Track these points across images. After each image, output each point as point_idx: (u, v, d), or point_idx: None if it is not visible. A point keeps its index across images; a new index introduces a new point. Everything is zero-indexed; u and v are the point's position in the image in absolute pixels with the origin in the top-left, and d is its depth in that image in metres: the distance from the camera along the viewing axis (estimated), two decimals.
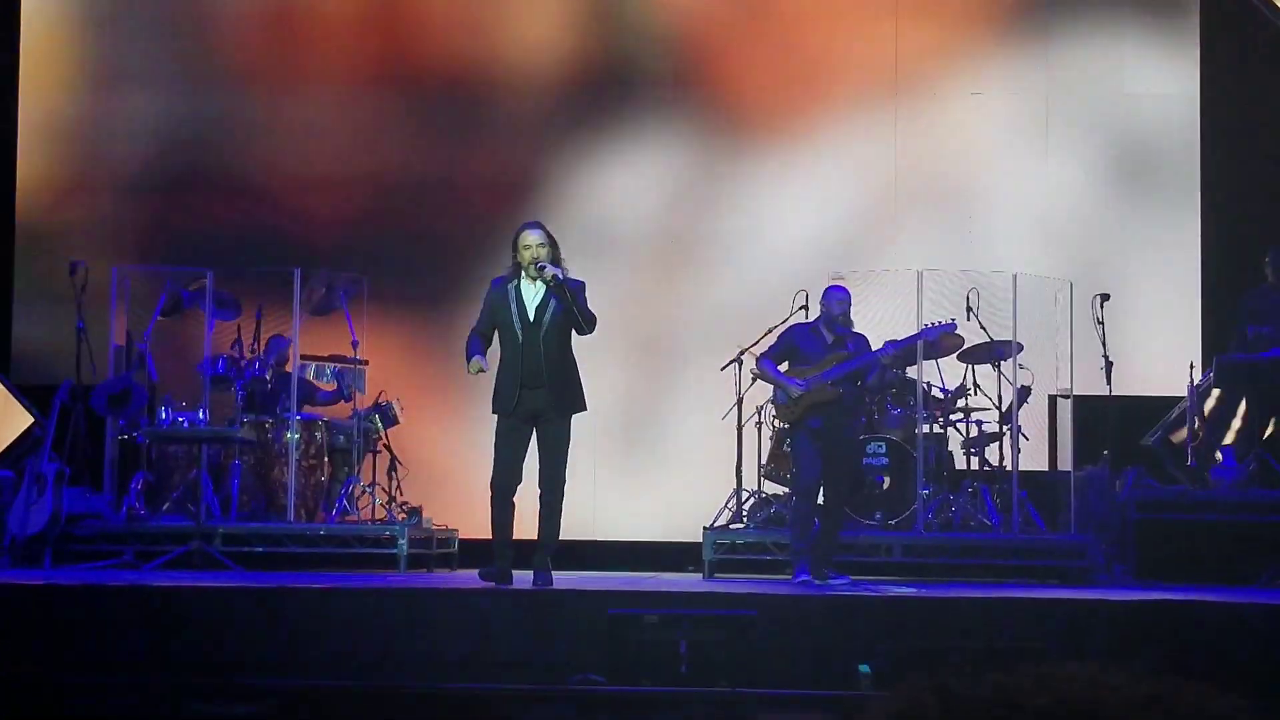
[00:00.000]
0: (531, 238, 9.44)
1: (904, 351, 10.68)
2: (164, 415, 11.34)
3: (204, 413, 11.30)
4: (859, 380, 10.35)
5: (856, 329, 10.49)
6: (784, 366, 10.31)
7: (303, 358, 11.81)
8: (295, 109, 13.33)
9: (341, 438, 11.75)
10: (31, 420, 12.69)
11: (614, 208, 13.19)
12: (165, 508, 11.44)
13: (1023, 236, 12.96)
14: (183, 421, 11.23)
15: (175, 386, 11.72)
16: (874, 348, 10.37)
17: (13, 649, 8.49)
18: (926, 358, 11.34)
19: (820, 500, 10.27)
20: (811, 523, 10.21)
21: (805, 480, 10.22)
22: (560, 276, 9.33)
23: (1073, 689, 1.79)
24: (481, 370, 9.43)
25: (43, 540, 10.73)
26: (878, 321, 11.43)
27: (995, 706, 1.77)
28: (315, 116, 13.28)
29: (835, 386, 10.17)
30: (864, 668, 7.94)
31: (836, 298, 10.32)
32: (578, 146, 13.25)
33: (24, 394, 12.77)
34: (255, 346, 11.90)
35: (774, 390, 10.41)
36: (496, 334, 9.53)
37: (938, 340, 11.09)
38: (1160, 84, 13.09)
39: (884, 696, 1.78)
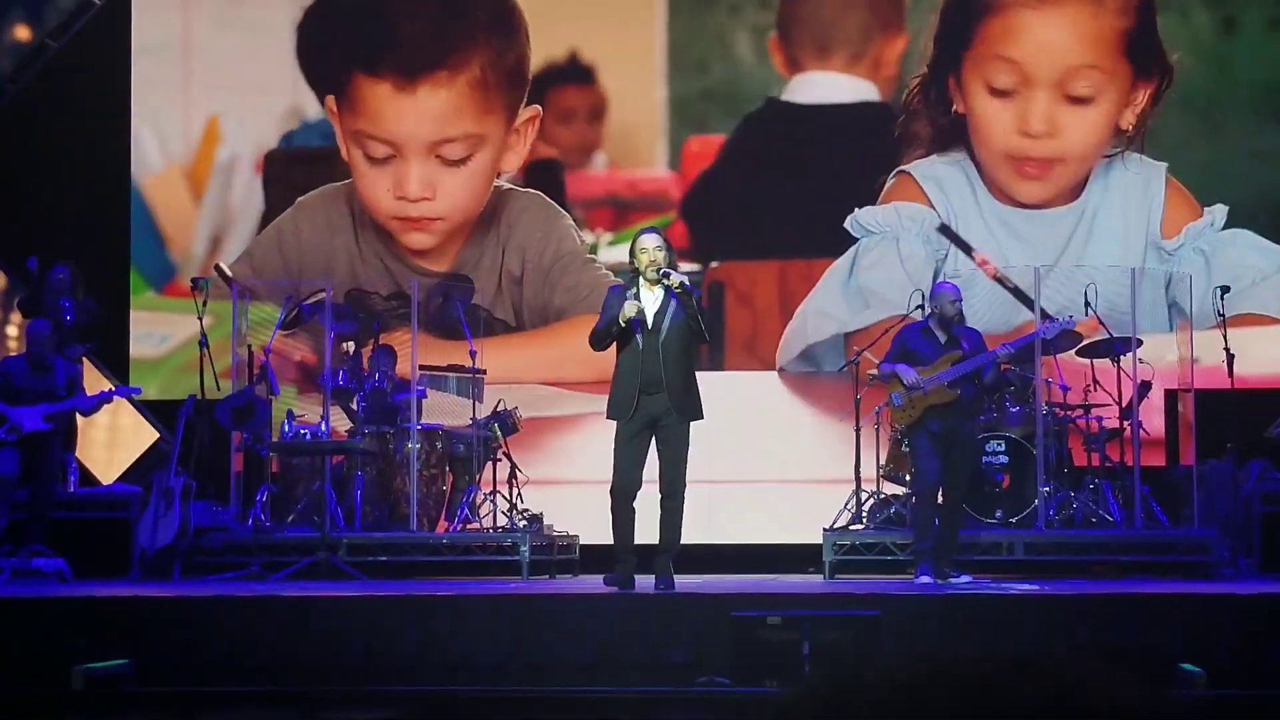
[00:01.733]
0: (649, 242, 9.47)
1: (1020, 350, 10.63)
2: (287, 428, 11.51)
3: (325, 424, 11.44)
4: (976, 380, 10.31)
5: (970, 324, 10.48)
6: None
7: (421, 368, 11.92)
8: None
9: (461, 446, 11.83)
10: (157, 436, 12.91)
11: None
12: (290, 519, 11.59)
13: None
14: (305, 434, 11.39)
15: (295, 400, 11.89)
16: (989, 346, 10.34)
17: (145, 660, 8.64)
18: (1044, 354, 11.26)
19: (940, 500, 10.24)
20: (933, 523, 10.18)
21: (925, 481, 10.20)
22: (686, 282, 9.36)
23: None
24: (640, 309, 9.31)
25: (171, 553, 10.90)
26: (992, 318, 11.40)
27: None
28: None
29: (952, 387, 10.15)
30: None
31: (948, 296, 10.29)
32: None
33: (149, 410, 12.99)
34: (373, 357, 12.03)
35: (890, 394, 10.39)
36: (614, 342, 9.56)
37: (1055, 338, 11.03)
38: None
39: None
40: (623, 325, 9.30)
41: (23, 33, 13.93)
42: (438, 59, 13.23)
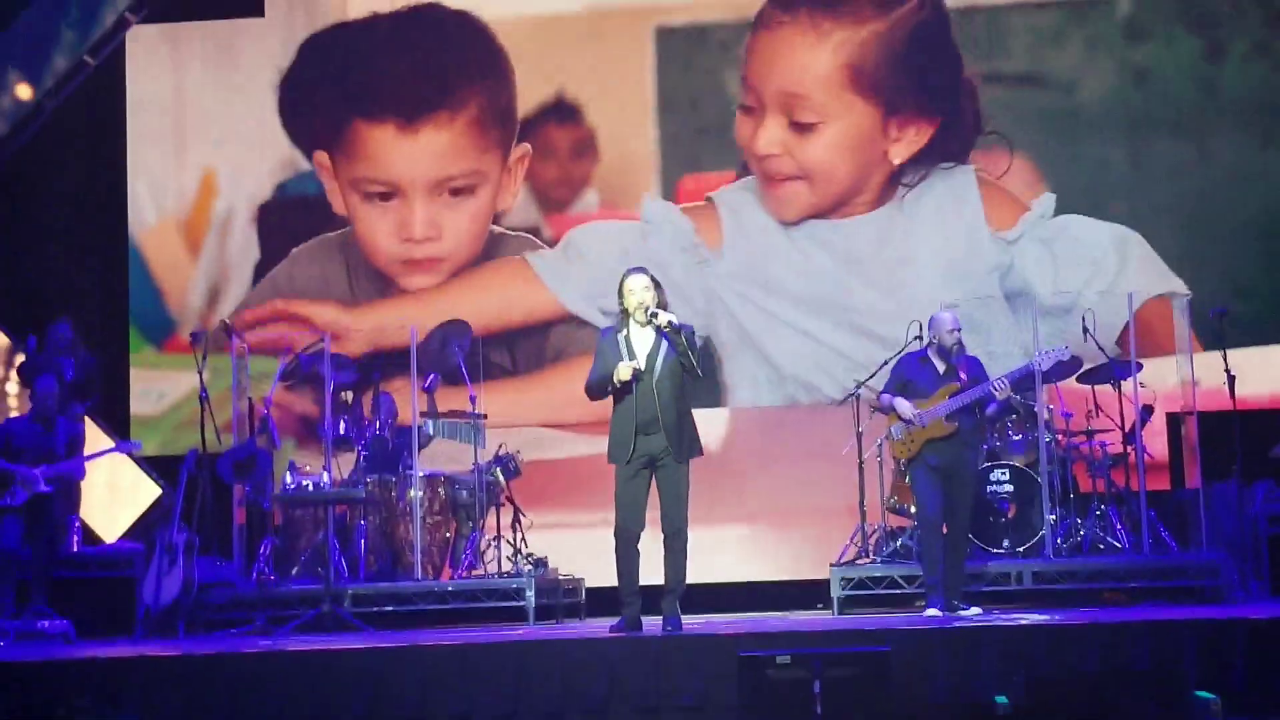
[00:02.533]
0: (637, 283, 9.44)
1: (1019, 379, 10.59)
2: (289, 480, 11.47)
3: (328, 474, 11.40)
4: (976, 410, 10.28)
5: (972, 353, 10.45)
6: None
7: (421, 415, 11.88)
8: None
9: (464, 492, 11.79)
10: (159, 492, 12.88)
11: None
12: (294, 571, 11.54)
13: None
14: (308, 485, 11.35)
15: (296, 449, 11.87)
16: (987, 373, 10.31)
17: (153, 719, 8.59)
18: (1044, 382, 11.23)
19: (945, 532, 10.20)
20: (938, 556, 10.13)
21: (927, 515, 10.16)
22: (675, 321, 9.33)
23: None
24: (636, 369, 9.34)
25: (176, 610, 10.85)
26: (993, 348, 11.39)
27: None
28: None
29: (950, 420, 10.12)
30: (1001, 699, 7.88)
31: (946, 325, 10.27)
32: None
33: (150, 466, 12.96)
34: (374, 405, 12.01)
35: (889, 427, 10.36)
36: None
37: (1053, 367, 11.01)
38: None
39: None
40: (618, 386, 9.30)
41: (24, 92, 13.96)
42: (438, 100, 13.55)
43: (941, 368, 10.26)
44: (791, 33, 13.18)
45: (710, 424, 9.88)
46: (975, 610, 10.06)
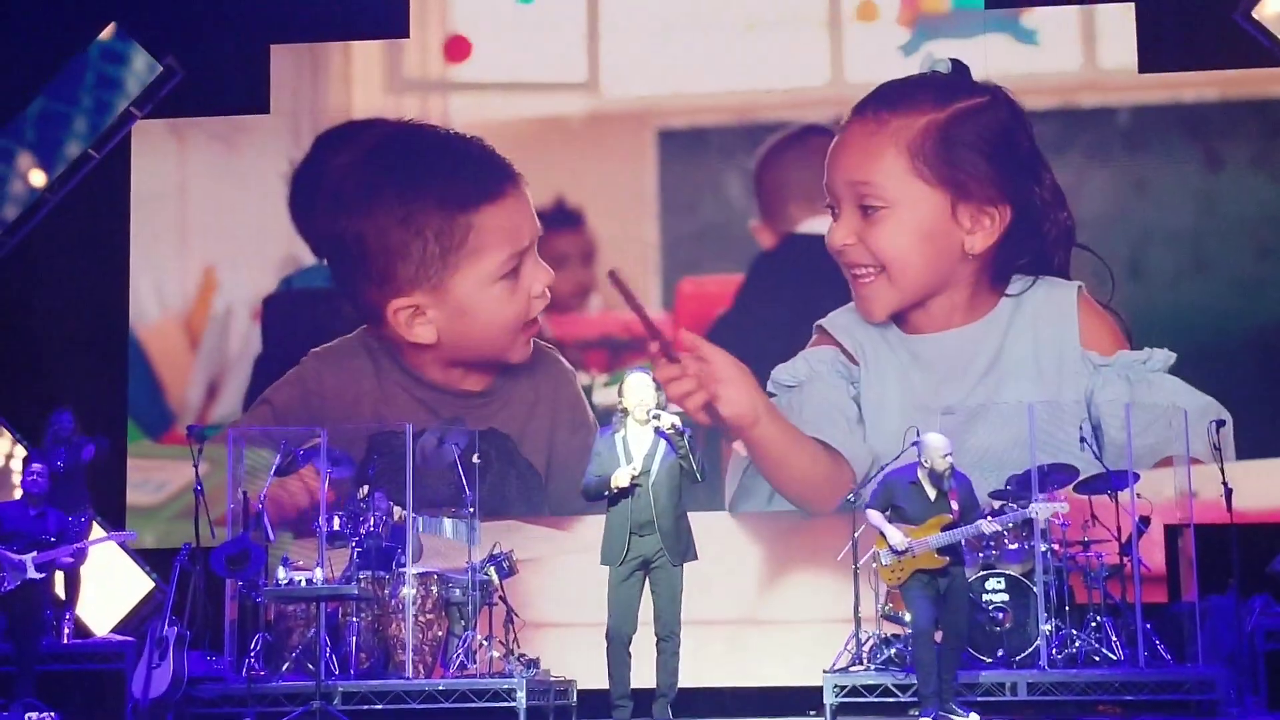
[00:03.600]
0: (640, 382, 9.45)
1: (1008, 522, 10.58)
2: (282, 575, 11.42)
3: (321, 571, 11.36)
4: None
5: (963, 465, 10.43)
6: (886, 514, 10.24)
7: (415, 512, 11.86)
8: None
9: (457, 591, 11.75)
10: (151, 585, 12.83)
11: None
12: (285, 667, 11.48)
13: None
14: (300, 581, 11.30)
15: (290, 545, 11.83)
16: (977, 496, 10.27)
17: None
18: (1041, 490, 11.20)
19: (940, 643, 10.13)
20: (933, 666, 10.05)
21: (921, 627, 10.08)
22: (677, 424, 9.31)
23: None
24: (635, 477, 9.31)
25: (165, 705, 10.78)
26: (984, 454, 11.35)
27: None
28: None
29: (942, 554, 10.04)
30: None
31: (939, 450, 10.13)
32: None
33: (144, 558, 12.92)
34: (367, 502, 11.99)
35: (877, 550, 10.30)
36: None
37: (1051, 473, 11.02)
38: None
39: None
40: (615, 491, 9.29)
41: (37, 179, 14.05)
42: (493, 189, 13.62)
43: (933, 494, 10.17)
44: (859, 129, 13.31)
45: (706, 526, 9.82)
46: (975, 717, 9.98)
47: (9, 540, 10.98)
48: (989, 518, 10.37)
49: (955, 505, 10.09)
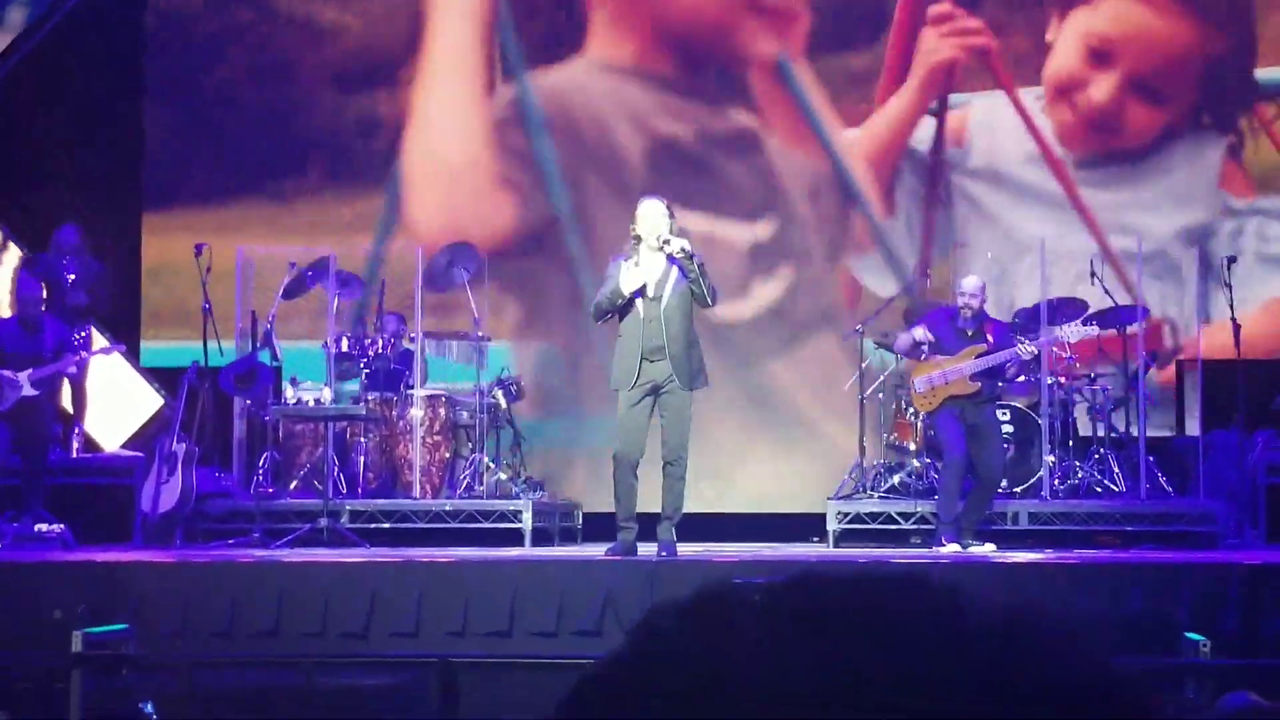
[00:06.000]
0: (653, 209, 9.41)
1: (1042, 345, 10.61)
2: (290, 394, 11.46)
3: (329, 391, 11.39)
4: (998, 374, 10.26)
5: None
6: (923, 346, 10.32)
7: (425, 334, 11.88)
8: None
9: (465, 414, 11.79)
10: (161, 402, 12.88)
11: None
12: (293, 485, 11.56)
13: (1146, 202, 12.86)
14: (309, 400, 11.34)
15: (299, 364, 11.84)
16: (1014, 337, 10.28)
17: (146, 625, 8.63)
18: (1050, 323, 11.21)
19: (968, 473, 10.21)
20: (957, 495, 10.14)
21: (952, 456, 10.15)
22: (687, 249, 9.28)
23: None
24: (643, 281, 9.27)
25: (174, 519, 10.86)
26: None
27: None
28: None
29: (974, 380, 10.10)
30: None
31: (971, 290, 10.24)
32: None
33: (153, 376, 12.96)
34: (377, 324, 12.00)
35: (913, 379, 10.35)
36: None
37: (1060, 307, 11.01)
38: None
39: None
40: (626, 296, 9.27)
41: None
42: None
43: (970, 331, 10.24)
44: None
45: (714, 351, 9.84)
46: (990, 547, 10.08)
47: (4, 359, 10.90)
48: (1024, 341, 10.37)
49: (990, 339, 10.16)
